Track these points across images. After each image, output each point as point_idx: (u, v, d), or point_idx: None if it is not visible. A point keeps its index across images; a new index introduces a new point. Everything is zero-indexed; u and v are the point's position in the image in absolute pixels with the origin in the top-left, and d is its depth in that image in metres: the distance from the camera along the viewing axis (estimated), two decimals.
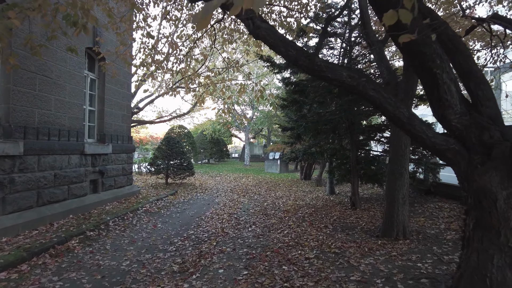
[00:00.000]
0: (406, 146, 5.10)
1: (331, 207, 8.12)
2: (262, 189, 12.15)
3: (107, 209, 7.40)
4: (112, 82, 8.66)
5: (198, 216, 7.43)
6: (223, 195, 10.64)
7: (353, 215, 6.95)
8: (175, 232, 6.11)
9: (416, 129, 2.90)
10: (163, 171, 12.21)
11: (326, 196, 9.93)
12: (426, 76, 2.85)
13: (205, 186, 12.92)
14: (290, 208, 8.05)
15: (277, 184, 13.72)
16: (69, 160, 6.74)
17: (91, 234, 5.56)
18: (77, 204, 6.84)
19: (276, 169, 20.35)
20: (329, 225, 6.20)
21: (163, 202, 8.94)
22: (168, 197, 9.69)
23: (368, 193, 10.06)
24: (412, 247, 4.57)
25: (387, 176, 5.30)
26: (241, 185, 13.35)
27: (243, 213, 7.74)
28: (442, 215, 6.11)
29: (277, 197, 10.02)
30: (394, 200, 5.07)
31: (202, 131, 29.65)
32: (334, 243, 5.01)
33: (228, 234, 5.86)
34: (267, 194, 10.72)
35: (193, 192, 11.03)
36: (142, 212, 7.56)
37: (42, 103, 6.02)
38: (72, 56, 6.84)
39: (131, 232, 5.99)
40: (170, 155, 12.22)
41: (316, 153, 8.21)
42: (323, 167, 13.04)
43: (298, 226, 6.24)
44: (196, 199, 9.85)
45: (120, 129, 9.12)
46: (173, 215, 7.56)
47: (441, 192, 7.68)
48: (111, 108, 8.66)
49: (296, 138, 7.96)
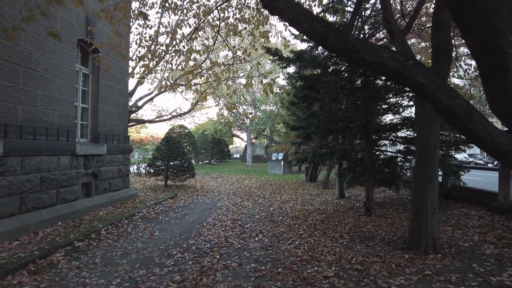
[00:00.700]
0: (436, 147, 4.49)
1: (343, 212, 7.50)
2: (266, 191, 11.54)
3: (101, 215, 6.80)
4: (107, 77, 8.08)
5: (199, 223, 6.82)
6: (226, 198, 10.04)
7: (369, 223, 6.34)
8: (174, 241, 5.51)
9: (475, 125, 2.27)
10: (162, 173, 11.62)
11: (335, 200, 9.31)
12: (489, 58, 2.23)
13: (206, 188, 12.32)
14: (299, 214, 7.43)
15: (281, 186, 13.11)
16: (58, 161, 6.15)
17: (79, 245, 4.96)
18: (67, 210, 6.24)
19: (280, 170, 19.74)
20: (344, 235, 5.59)
21: (161, 206, 8.34)
22: (167, 201, 9.09)
23: (381, 197, 9.44)
24: (446, 264, 3.95)
25: (413, 180, 4.69)
26: (244, 187, 12.75)
27: (248, 219, 7.14)
28: (472, 224, 5.49)
29: (283, 201, 9.41)
30: (422, 208, 4.46)
31: (203, 131, 29.08)
32: (354, 257, 4.40)
33: (232, 244, 5.26)
34: (272, 198, 10.12)
35: (194, 195, 10.43)
36: (139, 218, 6.96)
37: (27, 99, 5.43)
38: (62, 47, 6.26)
39: (125, 242, 5.39)
40: (170, 156, 11.62)
41: (326, 154, 7.60)
42: (330, 168, 12.42)
43: (310, 235, 5.62)
44: (197, 202, 9.25)
45: (116, 128, 8.53)
46: (172, 221, 6.96)
47: (463, 197, 7.06)
48: (106, 105, 8.07)
49: (305, 138, 7.36)
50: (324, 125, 6.04)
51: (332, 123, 6.36)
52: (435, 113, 4.52)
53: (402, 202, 8.41)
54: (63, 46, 6.31)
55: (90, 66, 7.69)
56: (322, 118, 6.25)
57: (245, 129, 28.09)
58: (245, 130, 28.16)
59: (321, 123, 6.01)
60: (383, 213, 7.23)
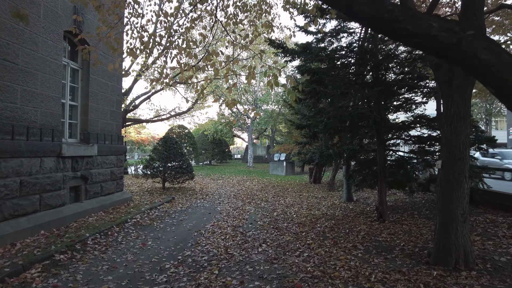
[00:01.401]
0: (466, 146, 3.92)
1: (353, 218, 6.92)
2: (269, 194, 10.96)
3: (90, 222, 6.25)
4: (99, 73, 7.53)
5: (197, 230, 6.26)
6: (226, 202, 9.47)
7: (384, 230, 5.76)
8: (168, 252, 4.94)
9: None
10: (159, 175, 11.06)
11: (343, 203, 8.73)
12: None
13: (206, 190, 11.76)
14: (305, 220, 6.86)
15: (284, 188, 12.53)
16: (42, 164, 5.60)
17: (60, 258, 4.39)
18: (52, 217, 5.69)
19: (282, 171, 19.17)
20: (358, 245, 5.01)
21: (157, 211, 7.77)
22: (164, 205, 8.52)
23: (391, 200, 8.85)
24: (485, 284, 3.37)
25: (439, 185, 4.12)
26: (246, 190, 12.18)
27: (250, 226, 6.57)
28: (502, 233, 4.90)
29: (287, 205, 8.83)
30: (450, 217, 3.88)
31: (203, 131, 28.55)
32: (373, 273, 3.82)
33: (233, 256, 4.68)
34: (275, 201, 9.54)
35: (193, 199, 9.86)
36: (131, 225, 6.40)
37: (3, 94, 4.87)
38: (46, 39, 5.71)
39: (113, 254, 4.82)
40: (168, 157, 11.07)
41: (334, 155, 7.03)
42: (335, 170, 11.84)
43: (320, 245, 5.05)
44: (196, 207, 8.68)
45: (109, 128, 7.98)
46: (168, 228, 6.39)
47: (486, 201, 6.47)
48: (97, 103, 7.52)
49: (312, 137, 6.80)
50: (334, 122, 5.46)
51: (343, 120, 5.79)
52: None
53: (415, 206, 7.83)
54: (47, 37, 5.76)
55: (80, 61, 7.14)
56: (332, 115, 5.69)
57: (246, 129, 27.54)
58: (246, 130, 27.61)
59: (331, 121, 5.43)
60: (397, 218, 6.65)
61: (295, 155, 15.56)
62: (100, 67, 7.55)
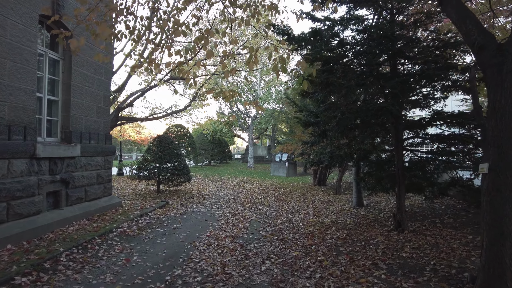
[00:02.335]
0: None
1: (367, 227, 6.15)
2: (271, 198, 10.19)
3: (69, 232, 5.49)
4: (83, 65, 6.77)
5: (191, 242, 5.49)
6: (225, 207, 8.70)
7: (406, 243, 4.99)
8: (155, 271, 4.18)
9: None
10: (154, 177, 10.30)
11: (353, 209, 7.95)
12: None
13: (203, 194, 10.99)
14: (313, 229, 6.08)
15: (287, 191, 11.75)
16: (10, 166, 4.83)
17: (22, 282, 3.63)
18: (23, 228, 4.93)
19: (284, 172, 18.40)
20: (379, 262, 4.24)
21: (148, 218, 7.01)
22: (156, 211, 7.75)
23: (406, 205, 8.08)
24: None
25: (485, 194, 3.34)
26: (246, 193, 11.41)
27: (251, 236, 5.80)
28: None
29: (291, 211, 8.06)
30: (503, 234, 3.11)
31: (202, 131, 27.81)
32: None
33: (231, 277, 3.92)
34: (278, 206, 8.77)
35: (189, 203, 9.09)
36: (116, 236, 5.64)
37: None
38: (16, 22, 4.94)
39: (89, 273, 4.06)
40: (162, 158, 10.30)
41: (346, 156, 6.26)
42: (343, 171, 11.07)
43: (334, 263, 4.28)
44: (191, 213, 7.91)
45: (95, 126, 7.22)
46: (158, 239, 5.63)
47: None
48: (81, 98, 6.76)
49: (320, 136, 6.03)
50: (349, 118, 4.68)
51: (360, 115, 5.01)
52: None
53: (435, 213, 7.05)
54: (18, 20, 5.00)
55: (60, 51, 6.38)
56: (347, 109, 4.91)
57: (246, 128, 26.78)
58: (247, 129, 26.85)
59: (346, 116, 4.65)
60: (417, 228, 5.88)
61: (298, 156, 14.81)
62: (85, 59, 6.80)
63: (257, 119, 26.98)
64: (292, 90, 15.79)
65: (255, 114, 26.76)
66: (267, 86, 26.60)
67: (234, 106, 27.11)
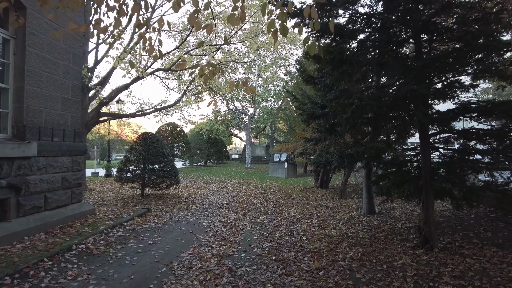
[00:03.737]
0: None
1: (386, 242, 5.04)
2: (269, 203, 9.08)
3: (12, 252, 4.36)
4: (43, 47, 5.63)
5: (168, 262, 4.37)
6: (216, 214, 7.59)
7: (441, 267, 3.87)
8: None
9: None
10: (137, 179, 9.17)
11: (364, 217, 6.83)
12: None
13: (193, 198, 9.87)
14: (320, 246, 4.96)
15: (287, 194, 10.64)
16: None
17: None
18: None
19: (283, 173, 17.29)
20: None
21: (121, 230, 5.88)
22: (134, 220, 6.62)
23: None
24: None
25: None
26: (241, 196, 10.30)
27: (243, 256, 4.67)
28: None
29: (292, 220, 6.94)
30: None
31: (199, 130, 26.69)
32: None
33: None
34: (277, 213, 7.65)
35: (175, 209, 7.97)
36: (74, 256, 4.50)
37: None
38: None
39: None
40: (147, 158, 9.18)
41: (358, 156, 5.16)
42: (348, 173, 9.96)
43: None
44: (176, 221, 6.79)
45: (60, 120, 6.08)
46: (127, 259, 4.50)
47: None
48: (41, 87, 5.62)
49: (328, 131, 4.92)
50: (372, 105, 3.54)
51: (382, 103, 3.89)
52: None
53: (464, 223, 5.95)
54: None
55: (12, 28, 5.24)
56: (367, 95, 3.80)
57: (243, 127, 25.66)
58: (244, 128, 25.73)
59: (367, 103, 3.52)
60: (448, 244, 4.77)
61: (298, 155, 13.70)
62: (45, 39, 5.67)
63: (254, 117, 25.88)
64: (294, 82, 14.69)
65: (253, 112, 25.65)
66: (265, 83, 25.49)
67: (231, 104, 26.00)
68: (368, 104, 3.54)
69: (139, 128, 51.43)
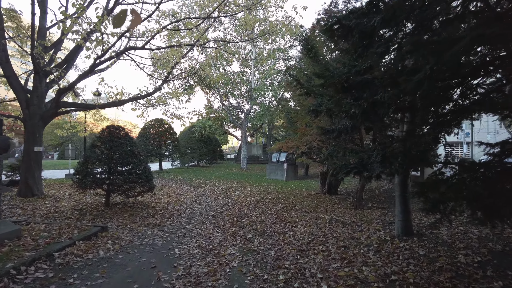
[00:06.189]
0: None
1: None
2: (267, 216, 7.12)
3: None
4: None
5: None
6: (195, 233, 5.64)
7: None
8: None
9: None
10: (99, 185, 7.17)
11: (400, 242, 4.88)
12: None
13: (172, 208, 7.89)
14: None
15: (289, 203, 8.68)
16: None
17: None
18: None
19: (282, 175, 15.36)
20: None
21: (45, 266, 3.88)
22: (75, 246, 4.61)
23: (475, 234, 5.08)
24: None
25: None
26: (233, 205, 8.34)
27: None
28: None
29: (300, 246, 4.97)
30: None
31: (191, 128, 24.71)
32: None
33: None
34: (278, 234, 5.68)
35: (142, 226, 5.99)
36: None
37: None
38: None
39: None
40: (111, 158, 7.19)
41: (393, 157, 3.25)
42: (365, 178, 8.02)
43: None
44: (137, 246, 4.82)
45: None
46: None
47: None
48: None
49: (364, 115, 2.99)
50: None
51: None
52: None
53: None
54: None
55: None
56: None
57: (239, 125, 23.69)
58: (239, 126, 23.76)
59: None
60: None
61: (301, 155, 11.78)
62: None
63: (251, 114, 23.94)
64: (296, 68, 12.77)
65: (249, 108, 23.71)
66: (262, 78, 23.55)
67: (226, 100, 24.03)
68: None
69: (134, 127, 48.99)
